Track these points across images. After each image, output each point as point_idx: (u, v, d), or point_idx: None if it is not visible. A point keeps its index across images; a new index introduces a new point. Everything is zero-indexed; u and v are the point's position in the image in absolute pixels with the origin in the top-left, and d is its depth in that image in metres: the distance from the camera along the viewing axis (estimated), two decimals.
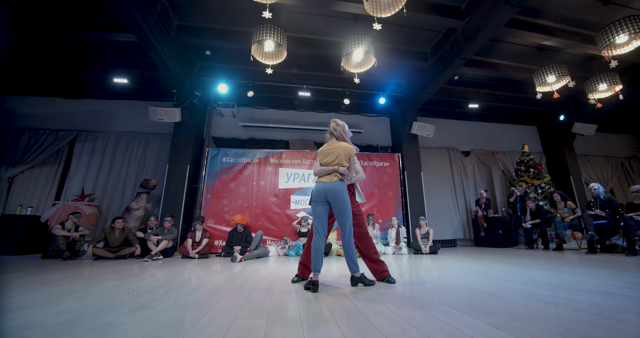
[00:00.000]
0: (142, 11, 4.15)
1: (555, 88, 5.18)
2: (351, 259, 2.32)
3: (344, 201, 2.31)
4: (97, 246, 4.59)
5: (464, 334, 1.22)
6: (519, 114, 8.72)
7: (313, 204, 2.40)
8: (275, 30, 3.86)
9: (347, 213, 2.31)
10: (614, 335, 1.16)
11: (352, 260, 2.33)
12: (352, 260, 2.33)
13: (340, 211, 2.31)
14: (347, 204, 2.32)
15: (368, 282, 2.31)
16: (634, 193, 4.46)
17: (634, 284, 2.15)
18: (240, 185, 6.19)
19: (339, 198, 2.30)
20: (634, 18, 3.83)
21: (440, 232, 7.38)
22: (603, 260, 3.73)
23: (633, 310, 1.51)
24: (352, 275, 2.35)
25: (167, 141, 6.72)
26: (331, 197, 2.32)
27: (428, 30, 5.39)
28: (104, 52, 5.97)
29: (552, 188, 7.13)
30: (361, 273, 2.35)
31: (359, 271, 2.35)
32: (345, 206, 2.31)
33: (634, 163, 9.62)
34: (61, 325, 1.40)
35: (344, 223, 2.31)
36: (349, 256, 2.32)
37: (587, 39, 5.23)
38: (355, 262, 2.34)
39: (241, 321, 1.45)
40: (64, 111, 6.86)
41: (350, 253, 2.32)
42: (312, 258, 2.29)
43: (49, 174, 6.46)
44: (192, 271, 3.34)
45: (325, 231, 2.36)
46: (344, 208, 2.31)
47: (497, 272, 2.91)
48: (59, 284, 2.45)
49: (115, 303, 1.81)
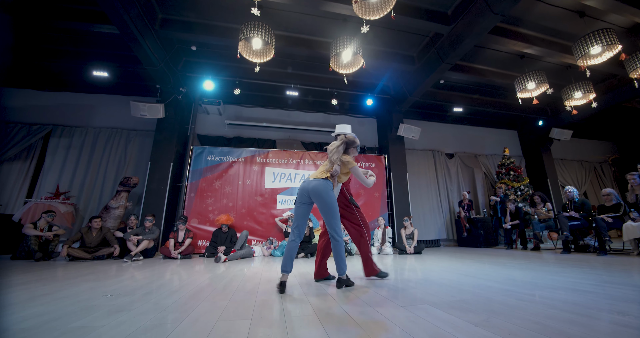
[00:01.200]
0: (125, 2, 4.00)
1: (534, 94, 5.40)
2: (342, 260, 2.26)
3: (328, 202, 2.23)
4: (73, 247, 4.38)
5: (445, 332, 1.24)
6: (500, 118, 9.04)
7: (296, 204, 2.34)
8: (263, 28, 3.81)
9: (332, 214, 2.24)
10: (585, 331, 1.21)
11: (343, 261, 2.26)
12: (343, 261, 2.26)
13: (324, 212, 2.26)
14: (332, 204, 2.25)
15: (351, 284, 2.30)
16: (605, 196, 4.71)
17: (604, 282, 2.26)
18: (226, 184, 6.08)
19: (323, 198, 2.23)
20: (607, 31, 4.04)
21: (424, 232, 7.52)
22: (577, 259, 3.92)
23: (603, 307, 1.58)
24: (339, 276, 2.27)
25: (150, 138, 6.50)
26: (314, 197, 2.26)
27: (415, 34, 5.49)
28: (83, 43, 5.71)
29: (531, 190, 7.42)
30: (347, 275, 2.33)
31: (345, 274, 2.31)
32: (330, 206, 2.23)
33: (606, 168, 10.18)
34: (29, 330, 1.32)
35: (330, 224, 2.24)
36: (339, 257, 2.26)
37: (565, 49, 5.49)
38: (344, 263, 2.27)
39: (224, 323, 1.42)
40: (37, 103, 6.50)
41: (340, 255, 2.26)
42: (284, 258, 2.21)
43: (21, 170, 6.10)
44: (174, 272, 3.25)
45: (301, 235, 2.28)
46: (329, 209, 2.23)
47: (478, 272, 2.99)
48: (28, 286, 2.32)
49: (91, 306, 1.73)
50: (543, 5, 4.72)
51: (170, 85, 5.97)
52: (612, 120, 9.27)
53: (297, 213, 2.32)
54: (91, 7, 4.75)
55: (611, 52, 4.19)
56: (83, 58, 6.01)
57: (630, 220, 4.15)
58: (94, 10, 4.79)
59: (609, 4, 4.45)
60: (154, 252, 4.95)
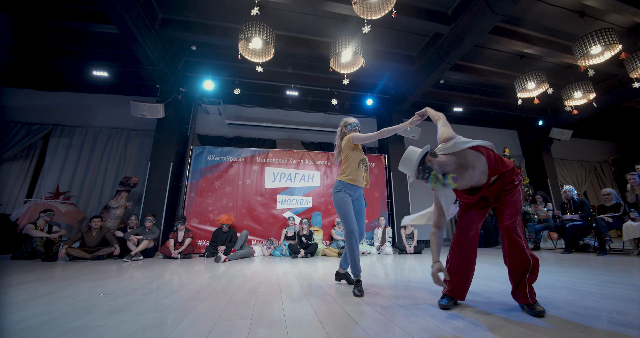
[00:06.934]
0: (124, 2, 3.99)
1: (534, 94, 5.40)
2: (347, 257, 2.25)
3: (334, 201, 2.25)
4: (73, 247, 4.38)
5: (445, 332, 1.24)
6: (500, 118, 9.03)
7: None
8: (263, 28, 3.80)
9: (339, 212, 2.22)
10: (585, 331, 1.21)
11: (346, 258, 2.32)
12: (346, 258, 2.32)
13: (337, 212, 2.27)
14: (337, 203, 2.23)
15: (351, 281, 2.31)
16: (605, 195, 4.72)
17: (604, 282, 2.26)
18: (226, 184, 6.08)
19: (333, 198, 2.28)
20: (607, 30, 4.04)
21: (424, 232, 7.51)
22: (577, 259, 3.92)
23: (603, 307, 1.58)
24: (337, 270, 2.37)
25: (150, 138, 6.50)
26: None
27: (415, 34, 5.48)
28: (82, 43, 5.70)
29: (531, 190, 7.42)
30: (346, 272, 2.35)
31: (347, 270, 2.34)
32: (336, 207, 2.25)
33: (606, 168, 10.18)
34: (28, 330, 1.32)
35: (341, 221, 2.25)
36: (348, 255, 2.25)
37: (565, 49, 5.48)
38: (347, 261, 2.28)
39: (224, 322, 1.42)
40: (37, 103, 6.50)
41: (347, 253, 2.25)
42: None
43: (20, 170, 6.10)
44: (174, 272, 3.25)
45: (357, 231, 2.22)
46: (336, 209, 2.25)
47: (478, 272, 2.98)
48: (28, 286, 2.32)
49: (91, 305, 1.73)
50: (543, 5, 4.71)
51: (170, 85, 5.96)
52: (612, 120, 9.26)
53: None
54: (91, 6, 4.74)
55: (611, 52, 4.19)
56: (83, 58, 6.01)
57: (630, 220, 4.15)
58: (93, 10, 4.79)
59: (609, 4, 4.45)
60: (154, 252, 4.94)
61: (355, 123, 2.46)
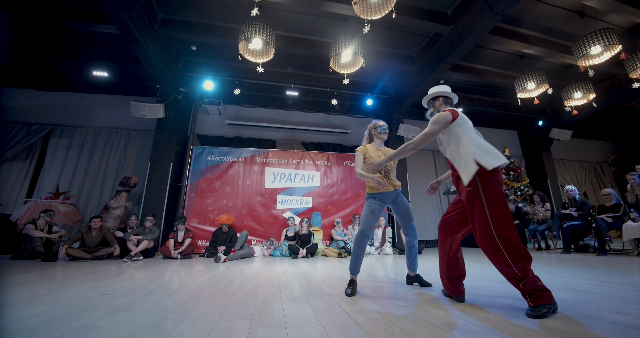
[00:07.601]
0: (125, 2, 3.99)
1: (534, 95, 5.40)
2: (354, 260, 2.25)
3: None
4: (73, 247, 4.38)
5: (445, 332, 1.24)
6: (500, 118, 9.03)
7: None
8: (263, 28, 3.81)
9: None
10: (585, 331, 1.21)
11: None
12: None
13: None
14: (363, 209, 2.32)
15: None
16: (605, 196, 4.71)
17: (604, 282, 2.26)
18: (226, 184, 6.08)
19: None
20: (606, 31, 4.04)
21: (424, 232, 7.52)
22: (576, 259, 3.92)
23: (603, 307, 1.58)
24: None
25: (149, 138, 6.50)
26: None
27: (415, 34, 5.48)
28: (82, 43, 5.71)
29: (531, 191, 7.41)
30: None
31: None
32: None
33: (606, 168, 10.18)
34: (29, 330, 1.32)
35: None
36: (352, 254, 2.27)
37: (565, 49, 5.48)
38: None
39: (224, 322, 1.42)
40: (37, 103, 6.50)
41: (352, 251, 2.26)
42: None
43: (20, 170, 6.10)
44: (174, 272, 3.25)
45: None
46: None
47: (478, 271, 2.99)
48: (28, 286, 2.32)
49: (91, 305, 1.73)
50: (543, 6, 4.72)
51: (170, 85, 5.96)
52: (612, 120, 9.26)
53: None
54: (91, 7, 4.75)
55: (611, 53, 4.19)
56: (83, 58, 6.01)
57: (630, 220, 4.14)
58: (94, 10, 4.79)
59: (609, 4, 4.45)
60: (154, 252, 4.94)
61: (384, 126, 2.47)
